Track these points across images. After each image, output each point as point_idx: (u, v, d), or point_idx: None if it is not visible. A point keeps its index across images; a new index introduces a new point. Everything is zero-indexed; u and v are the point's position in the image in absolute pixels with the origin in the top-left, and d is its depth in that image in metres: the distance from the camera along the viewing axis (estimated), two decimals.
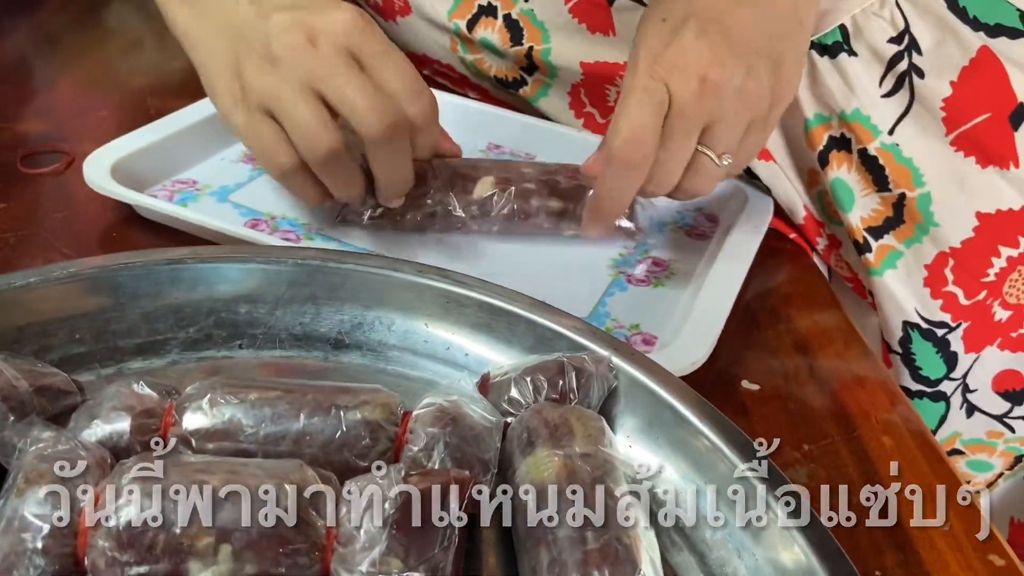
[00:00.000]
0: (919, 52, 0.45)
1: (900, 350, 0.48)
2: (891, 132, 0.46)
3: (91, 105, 0.61)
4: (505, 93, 0.64)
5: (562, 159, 0.59)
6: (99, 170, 0.46)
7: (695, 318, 0.42)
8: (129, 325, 0.38)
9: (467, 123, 0.61)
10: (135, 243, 0.46)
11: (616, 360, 0.35)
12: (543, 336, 0.38)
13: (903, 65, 0.45)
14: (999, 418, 0.49)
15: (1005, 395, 0.49)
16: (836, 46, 0.47)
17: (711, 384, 0.41)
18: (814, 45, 0.48)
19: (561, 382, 0.33)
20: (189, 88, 0.64)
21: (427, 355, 0.39)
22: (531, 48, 0.58)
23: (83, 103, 0.61)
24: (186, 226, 0.46)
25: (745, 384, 0.41)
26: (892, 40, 0.46)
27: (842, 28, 0.47)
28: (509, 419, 0.33)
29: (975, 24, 0.45)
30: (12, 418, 0.30)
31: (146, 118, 0.59)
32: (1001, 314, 0.46)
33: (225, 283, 0.39)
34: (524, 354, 0.38)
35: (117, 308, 0.38)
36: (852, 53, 0.47)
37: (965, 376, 0.48)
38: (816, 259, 0.53)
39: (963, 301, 0.46)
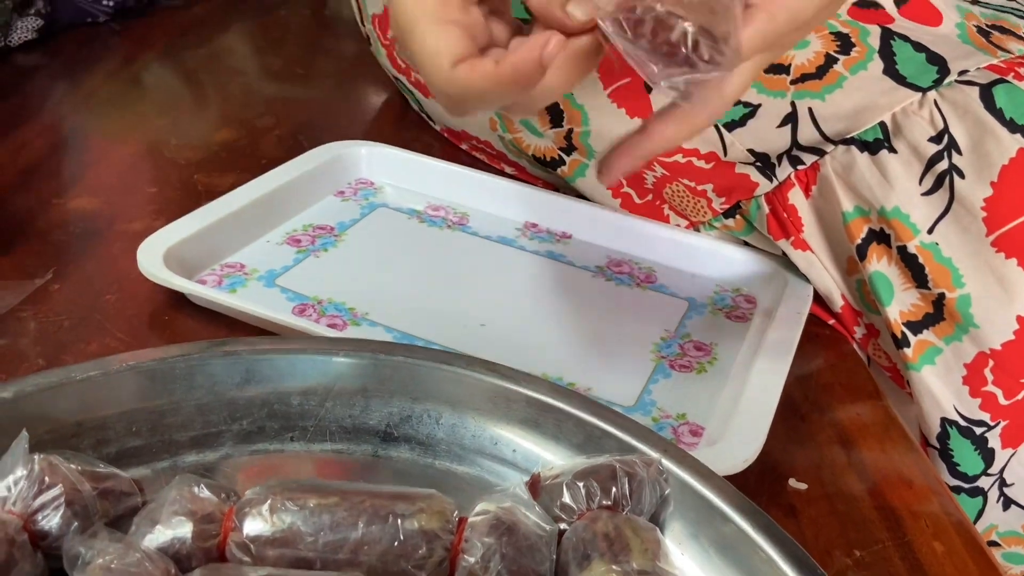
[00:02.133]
0: (959, 152, 0.46)
1: (938, 445, 0.48)
2: (930, 231, 0.46)
3: (141, 180, 0.63)
4: (542, 170, 0.65)
5: (599, 239, 0.60)
6: (152, 258, 0.47)
7: (742, 412, 0.42)
8: (184, 418, 0.38)
9: (504, 201, 0.62)
10: (186, 327, 0.47)
11: (666, 462, 0.36)
12: (592, 435, 0.38)
13: (943, 165, 0.46)
14: None
15: None
16: (877, 143, 0.48)
17: (757, 481, 0.41)
18: (854, 141, 0.49)
19: (614, 488, 0.34)
20: (232, 164, 0.66)
21: (475, 450, 0.39)
22: (570, 130, 0.59)
23: (133, 178, 0.63)
24: (236, 313, 0.47)
25: (792, 483, 0.41)
26: (932, 139, 0.47)
27: (882, 125, 0.48)
28: (563, 525, 0.33)
29: (1012, 126, 0.45)
30: (76, 523, 0.31)
31: (194, 195, 0.61)
32: None
33: (278, 375, 0.40)
34: (572, 452, 0.38)
35: (173, 401, 0.38)
36: (892, 150, 0.47)
37: (1002, 471, 0.48)
38: (855, 346, 0.53)
39: (1002, 401, 0.46)
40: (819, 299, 0.54)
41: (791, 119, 0.50)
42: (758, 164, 0.52)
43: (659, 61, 0.33)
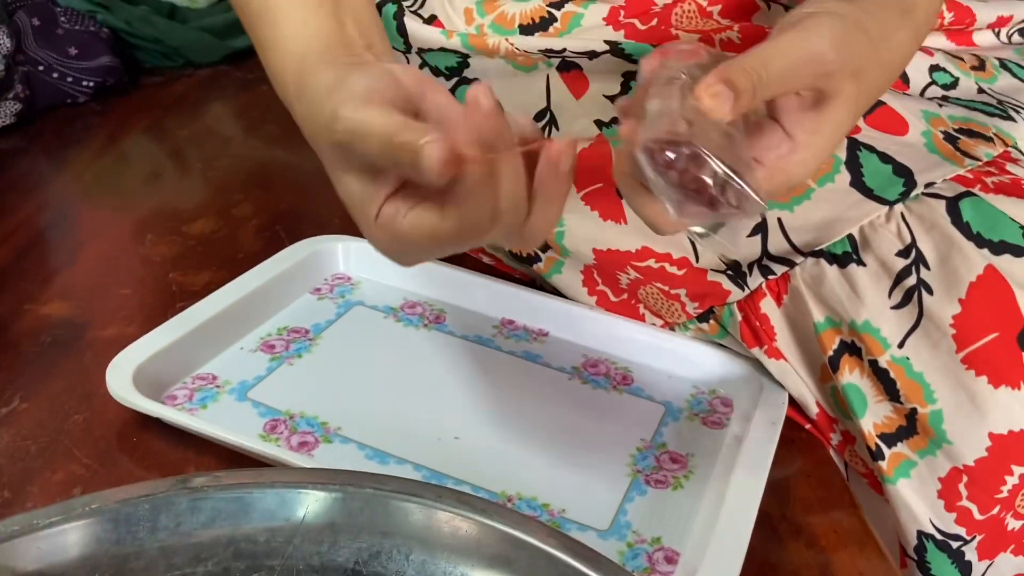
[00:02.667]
0: (927, 267, 0.46)
1: (915, 557, 0.48)
2: (901, 345, 0.46)
3: (115, 280, 0.62)
4: (518, 264, 0.65)
5: (576, 337, 0.60)
6: (121, 379, 0.47)
7: (718, 536, 0.42)
8: (147, 562, 0.38)
9: (481, 298, 0.62)
10: (155, 449, 0.47)
11: None
12: (564, 574, 0.37)
13: (911, 279, 0.46)
14: None
15: None
16: (845, 256, 0.48)
17: None
18: (823, 253, 0.49)
19: None
20: (209, 259, 0.66)
21: None
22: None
23: (107, 279, 0.63)
24: (205, 435, 0.46)
25: None
26: (900, 253, 0.47)
27: (851, 238, 0.48)
28: None
29: (979, 240, 0.46)
30: None
31: (168, 296, 0.61)
32: (1014, 524, 0.46)
33: (244, 512, 0.39)
34: None
35: (136, 543, 0.38)
36: (861, 263, 0.48)
37: None
38: (831, 452, 0.53)
39: (977, 516, 0.46)
40: (795, 402, 0.54)
41: (761, 229, 0.50)
42: (729, 272, 0.52)
43: (685, 198, 0.33)
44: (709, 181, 0.33)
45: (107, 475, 0.45)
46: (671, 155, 0.33)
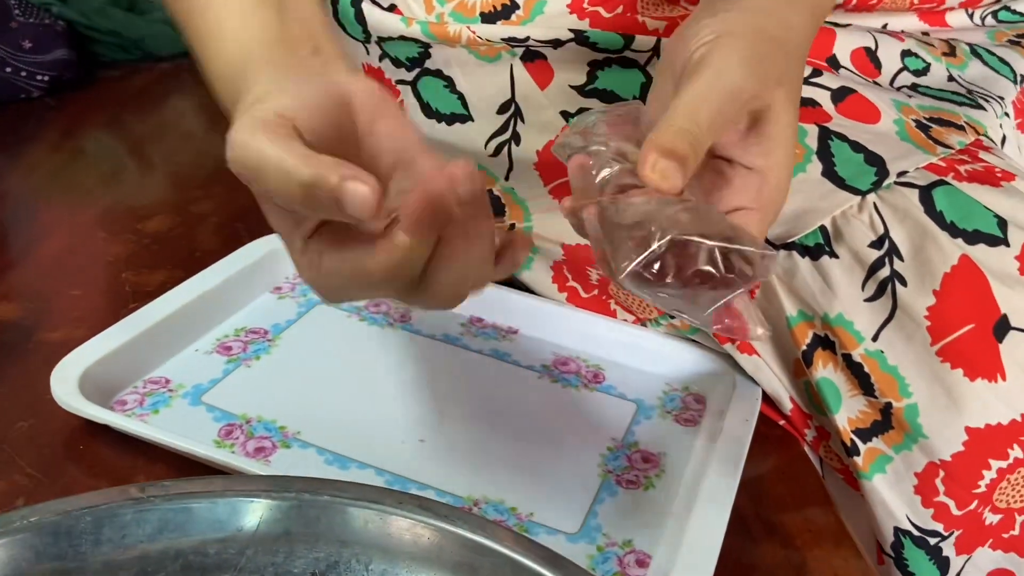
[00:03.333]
0: (900, 258, 0.45)
1: (892, 554, 0.47)
2: (875, 338, 0.45)
3: (65, 281, 0.60)
4: None
5: (546, 335, 0.59)
6: (67, 384, 0.44)
7: (689, 539, 0.41)
8: None
9: None
10: (102, 456, 0.45)
11: None
12: None
13: (885, 271, 0.45)
14: None
15: None
16: (818, 248, 0.47)
17: None
18: (795, 246, 0.48)
19: None
20: (164, 258, 0.64)
21: None
22: (512, 225, 0.58)
23: (57, 280, 0.60)
24: (155, 441, 0.44)
25: None
26: (872, 244, 0.46)
27: (823, 229, 0.47)
28: None
29: (953, 230, 0.45)
30: None
31: (120, 296, 0.59)
32: (991, 518, 0.45)
33: (194, 522, 0.37)
34: None
35: (78, 557, 0.36)
36: (834, 255, 0.47)
37: (959, 575, 0.47)
38: (806, 448, 0.52)
39: (955, 511, 0.45)
40: (769, 398, 0.53)
41: None
42: None
43: (697, 294, 0.31)
44: (708, 267, 0.30)
45: (51, 485, 0.43)
46: (655, 268, 0.30)
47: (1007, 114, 0.58)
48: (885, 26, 0.56)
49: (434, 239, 0.31)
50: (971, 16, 0.58)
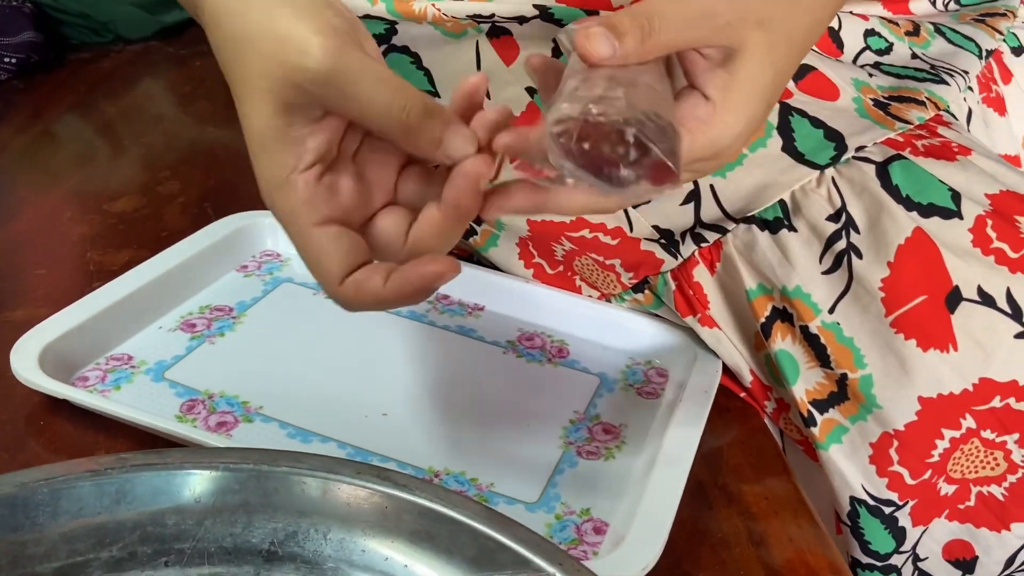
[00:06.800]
0: (856, 231, 0.46)
1: (849, 523, 0.48)
2: (831, 311, 0.46)
3: (29, 260, 0.60)
4: None
5: (512, 311, 0.59)
6: (26, 359, 0.44)
7: (646, 506, 0.41)
8: (47, 548, 0.36)
9: None
10: (63, 432, 0.45)
11: None
12: (485, 547, 0.36)
13: (841, 244, 0.46)
14: None
15: (956, 563, 0.48)
16: (777, 221, 0.48)
17: None
18: (755, 220, 0.48)
19: None
20: (130, 238, 0.64)
21: (364, 567, 0.37)
22: None
23: (20, 259, 0.60)
24: (116, 416, 0.44)
25: None
26: (830, 218, 0.46)
27: (782, 204, 0.48)
28: None
29: (908, 204, 0.45)
30: None
31: (85, 275, 0.58)
32: (947, 488, 0.46)
33: (152, 493, 0.37)
34: (466, 567, 0.36)
35: (35, 529, 0.36)
36: (792, 229, 0.47)
37: (915, 547, 0.48)
38: (766, 420, 0.53)
39: (909, 481, 0.45)
40: (730, 371, 0.53)
41: (694, 196, 0.49)
42: (662, 241, 0.51)
43: (607, 177, 0.30)
44: (620, 150, 0.30)
45: (11, 460, 0.43)
46: (572, 134, 0.29)
47: (971, 88, 0.59)
48: (851, 12, 0.56)
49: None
50: (934, 3, 0.58)
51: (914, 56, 0.57)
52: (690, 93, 0.35)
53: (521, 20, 0.51)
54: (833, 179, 0.47)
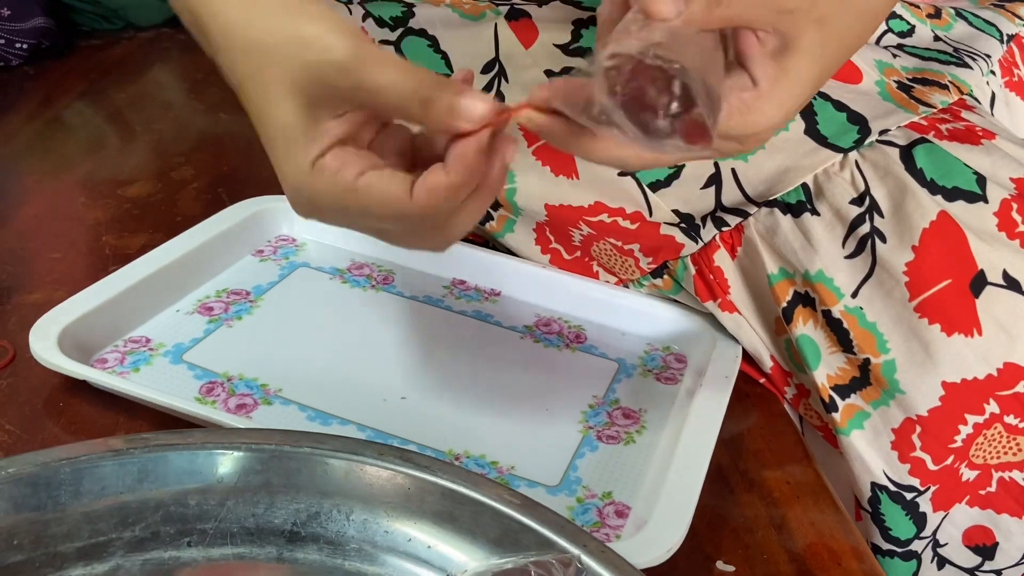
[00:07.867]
0: (880, 215, 0.45)
1: (870, 509, 0.47)
2: (855, 295, 0.45)
3: (45, 245, 0.59)
4: None
5: (529, 297, 0.59)
6: (45, 340, 0.44)
7: (669, 490, 0.41)
8: (70, 527, 0.36)
9: (431, 258, 0.60)
10: (83, 414, 0.44)
11: (586, 559, 0.34)
12: (509, 529, 0.36)
13: (865, 228, 0.45)
14: (970, 571, 0.48)
15: (976, 549, 0.48)
16: (799, 205, 0.47)
17: (685, 564, 0.39)
18: (777, 203, 0.48)
19: None
20: (145, 222, 0.63)
21: (387, 548, 0.37)
22: None
23: (37, 243, 0.60)
24: (135, 397, 0.44)
25: (720, 566, 0.40)
26: (853, 201, 0.46)
27: (804, 187, 0.47)
28: None
29: (932, 187, 0.45)
30: None
31: (101, 259, 0.58)
32: (968, 474, 0.46)
33: (174, 474, 0.37)
34: (488, 548, 0.36)
35: (57, 508, 0.36)
36: (815, 213, 0.47)
37: (935, 532, 0.47)
38: (786, 406, 0.53)
39: (931, 466, 0.45)
40: (750, 357, 0.53)
41: (715, 180, 0.49)
42: (683, 225, 0.51)
43: (643, 124, 0.30)
44: (664, 100, 0.30)
45: (30, 441, 0.43)
46: (621, 77, 0.30)
47: (993, 72, 0.58)
48: None
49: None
50: None
51: (936, 39, 0.57)
52: (739, 72, 0.35)
53: (540, 2, 0.51)
54: (856, 163, 0.47)
